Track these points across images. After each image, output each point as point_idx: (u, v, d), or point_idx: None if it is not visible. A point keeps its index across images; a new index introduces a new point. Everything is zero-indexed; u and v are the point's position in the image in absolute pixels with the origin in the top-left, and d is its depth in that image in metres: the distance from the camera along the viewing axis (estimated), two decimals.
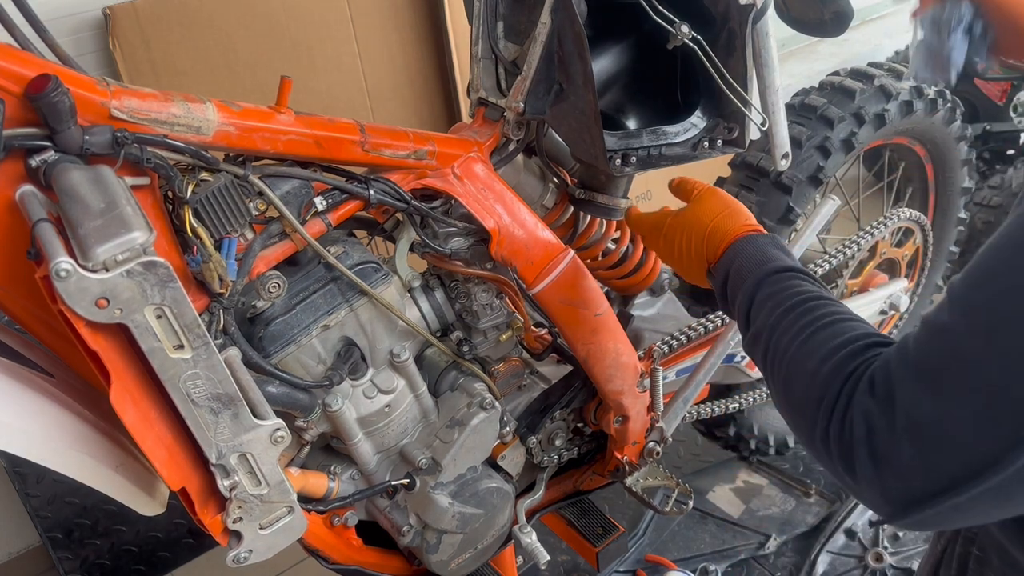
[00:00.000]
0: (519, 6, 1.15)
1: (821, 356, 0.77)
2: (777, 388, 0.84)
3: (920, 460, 0.64)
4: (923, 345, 0.67)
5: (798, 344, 0.81)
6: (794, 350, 0.81)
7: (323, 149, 1.01)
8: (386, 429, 1.17)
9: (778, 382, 0.83)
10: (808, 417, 0.75)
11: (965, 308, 0.64)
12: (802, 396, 0.77)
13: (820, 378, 0.75)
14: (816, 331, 0.80)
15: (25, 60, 0.79)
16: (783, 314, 0.85)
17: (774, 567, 2.01)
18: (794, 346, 0.81)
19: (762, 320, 0.88)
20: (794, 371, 0.80)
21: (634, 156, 1.19)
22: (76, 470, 0.92)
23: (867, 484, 0.69)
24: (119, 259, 0.74)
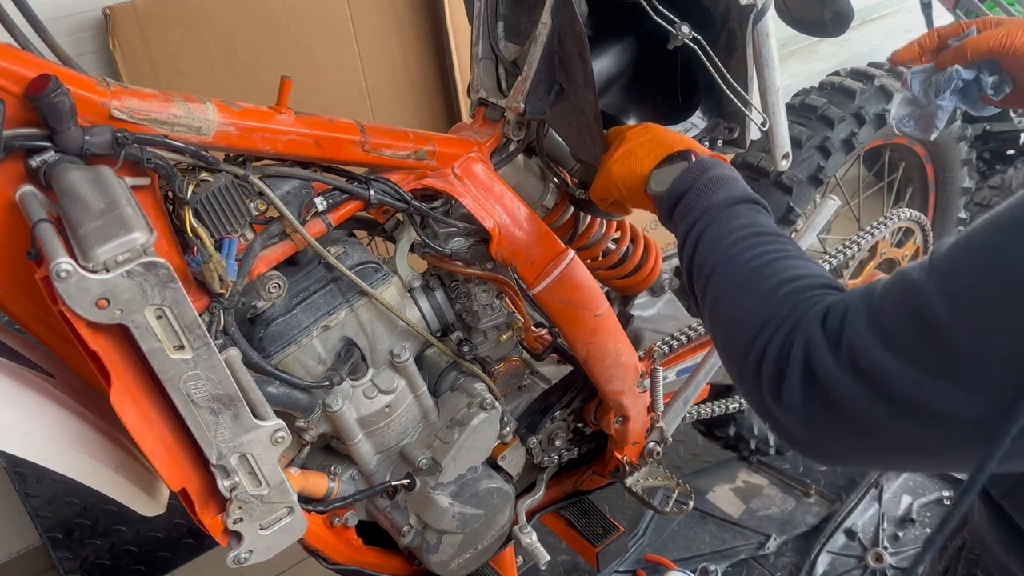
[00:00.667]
0: (520, 6, 1.15)
1: (777, 282, 0.76)
2: (719, 305, 0.81)
3: (851, 400, 0.64)
4: (890, 296, 0.65)
5: (756, 266, 0.79)
6: (750, 270, 0.79)
7: (323, 149, 1.01)
8: (386, 429, 1.17)
9: (722, 299, 0.80)
10: (747, 335, 0.74)
11: (943, 275, 0.61)
12: (746, 313, 0.76)
13: (772, 300, 0.74)
14: (775, 260, 0.78)
15: (25, 60, 0.79)
16: (743, 238, 0.83)
17: (774, 567, 2.01)
18: (750, 267, 0.79)
19: (718, 238, 0.85)
20: (744, 290, 0.78)
21: None
22: (76, 470, 0.92)
23: (789, 409, 0.68)
24: (119, 260, 0.74)
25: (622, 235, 1.45)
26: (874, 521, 2.01)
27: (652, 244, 1.49)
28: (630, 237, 1.46)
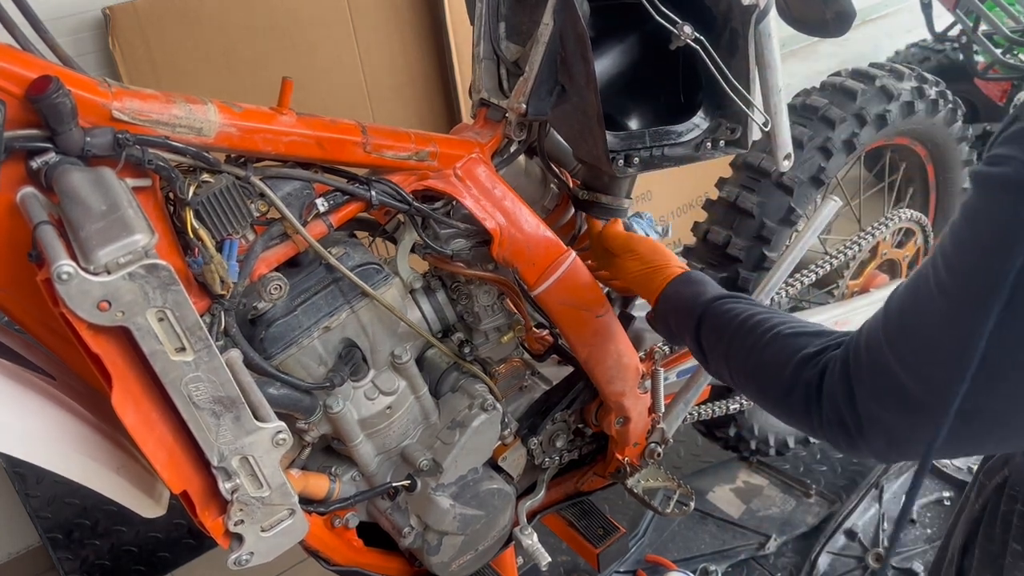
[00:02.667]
0: (521, 7, 1.15)
1: (777, 369, 0.89)
2: (745, 368, 0.96)
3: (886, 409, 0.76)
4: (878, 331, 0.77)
5: (754, 362, 0.93)
6: (751, 367, 0.94)
7: (325, 150, 1.01)
8: (387, 430, 1.17)
9: (752, 394, 0.97)
10: (794, 413, 0.87)
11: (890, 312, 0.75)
12: (776, 398, 0.90)
13: (784, 385, 0.87)
14: (764, 348, 0.92)
15: (26, 61, 0.79)
16: (731, 338, 0.98)
17: (774, 567, 2.01)
18: (750, 363, 0.94)
19: (713, 348, 1.02)
20: (760, 382, 0.93)
21: (636, 157, 1.19)
22: (77, 472, 0.92)
23: (867, 442, 0.79)
24: (121, 262, 0.74)
25: None
26: (874, 521, 2.01)
27: None
28: None
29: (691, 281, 1.12)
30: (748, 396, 1.01)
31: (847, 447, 0.82)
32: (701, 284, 1.10)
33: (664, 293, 1.13)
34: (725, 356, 0.99)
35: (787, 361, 0.87)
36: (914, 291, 0.74)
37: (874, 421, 0.77)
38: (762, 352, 0.92)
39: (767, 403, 0.94)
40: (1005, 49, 2.76)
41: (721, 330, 1.00)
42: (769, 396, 0.92)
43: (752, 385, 0.95)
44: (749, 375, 0.95)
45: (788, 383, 0.86)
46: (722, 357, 0.99)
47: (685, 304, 1.08)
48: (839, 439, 0.81)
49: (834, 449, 0.94)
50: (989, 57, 2.79)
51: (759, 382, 0.93)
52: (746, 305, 1.01)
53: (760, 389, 0.93)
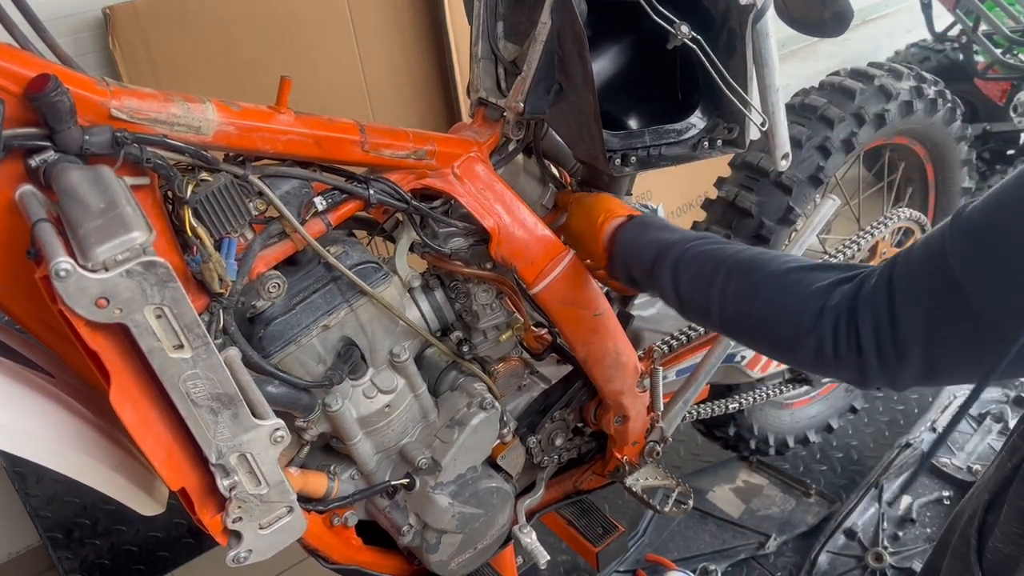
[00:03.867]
0: (519, 6, 1.15)
1: (791, 303, 0.87)
2: (747, 306, 0.93)
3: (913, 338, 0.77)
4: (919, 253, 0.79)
5: (759, 300, 0.91)
6: (753, 306, 0.91)
7: (323, 149, 1.01)
8: (386, 429, 1.17)
9: (751, 335, 0.94)
10: (807, 346, 0.85)
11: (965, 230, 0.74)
12: (790, 334, 0.87)
13: (800, 318, 0.86)
14: (768, 284, 0.90)
15: (25, 60, 0.79)
16: (724, 279, 0.95)
17: (774, 567, 2.01)
18: (752, 302, 0.91)
19: (702, 292, 0.98)
20: (768, 319, 0.90)
21: (634, 156, 1.19)
22: (76, 470, 0.92)
23: (868, 357, 0.80)
24: (119, 259, 0.74)
25: None
26: (874, 521, 2.01)
27: None
28: None
29: (649, 225, 1.09)
30: (744, 338, 0.98)
31: (871, 376, 0.81)
32: (662, 228, 1.07)
33: (619, 241, 1.10)
34: (715, 299, 0.95)
35: (803, 293, 0.85)
36: (1003, 212, 0.71)
37: (918, 344, 0.76)
38: (767, 289, 0.89)
39: (773, 341, 0.91)
40: (1005, 49, 2.76)
41: (708, 273, 0.97)
42: (779, 332, 0.88)
43: (753, 324, 0.92)
44: (750, 314, 0.91)
45: (807, 315, 0.84)
46: (710, 300, 0.96)
47: (651, 248, 1.04)
48: (865, 368, 0.80)
49: (848, 382, 0.96)
50: (989, 57, 2.79)
51: (765, 319, 0.90)
52: (724, 244, 0.99)
53: (766, 326, 0.90)
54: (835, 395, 2.22)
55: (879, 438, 2.36)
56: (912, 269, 0.78)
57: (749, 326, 0.94)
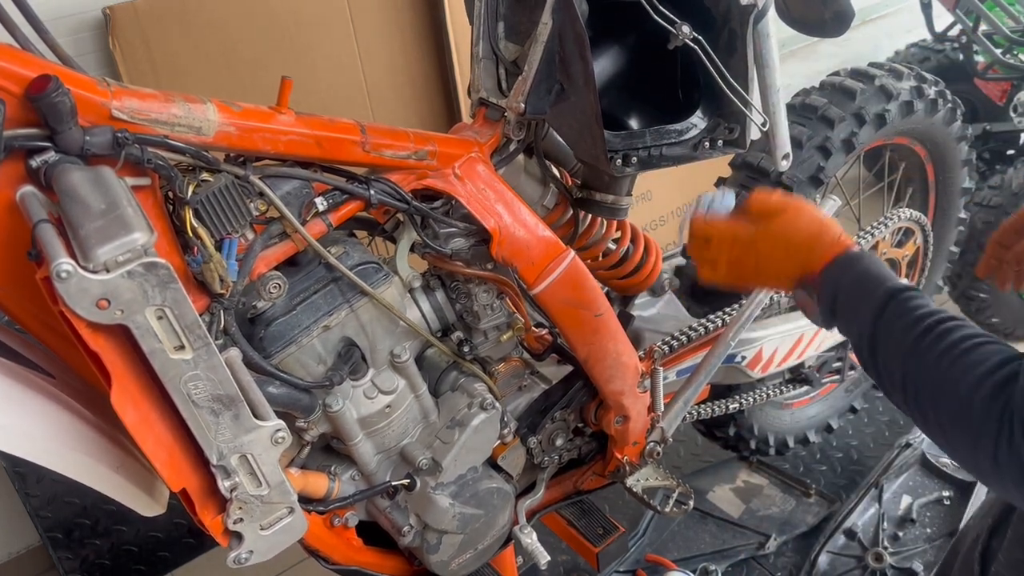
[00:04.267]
0: (520, 6, 1.15)
1: (970, 383, 0.79)
2: (922, 410, 0.85)
3: None
4: None
5: (944, 367, 0.82)
6: (939, 374, 0.82)
7: (324, 149, 1.01)
8: (386, 429, 1.17)
9: (923, 404, 0.84)
10: (970, 439, 0.78)
11: None
12: (957, 420, 0.80)
13: (975, 407, 0.77)
14: (961, 354, 0.81)
15: (26, 60, 0.79)
16: (920, 335, 0.85)
17: (774, 567, 2.01)
18: (940, 369, 0.82)
19: (895, 340, 0.88)
20: (942, 395, 0.82)
21: (635, 156, 1.19)
22: (76, 471, 0.92)
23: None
24: (120, 260, 0.74)
25: (622, 235, 1.45)
26: (874, 521, 2.01)
27: (652, 244, 1.49)
28: (630, 237, 1.46)
29: (875, 260, 0.96)
30: (921, 414, 0.86)
31: None
32: (883, 266, 0.95)
33: (840, 263, 0.96)
34: (908, 355, 0.86)
35: (984, 368, 0.78)
36: None
37: None
38: (956, 356, 0.81)
39: (946, 422, 0.82)
40: (1005, 49, 2.76)
41: (910, 325, 0.86)
42: (951, 411, 0.80)
43: (932, 396, 0.83)
44: (933, 384, 0.83)
45: (982, 393, 0.77)
46: (904, 356, 0.86)
47: (871, 282, 0.92)
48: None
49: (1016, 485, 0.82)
50: (989, 57, 2.79)
51: (943, 392, 0.81)
52: (931, 303, 0.89)
53: (942, 401, 0.82)
54: (835, 395, 2.22)
55: (879, 438, 2.36)
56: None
57: (925, 399, 0.85)
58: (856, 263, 0.95)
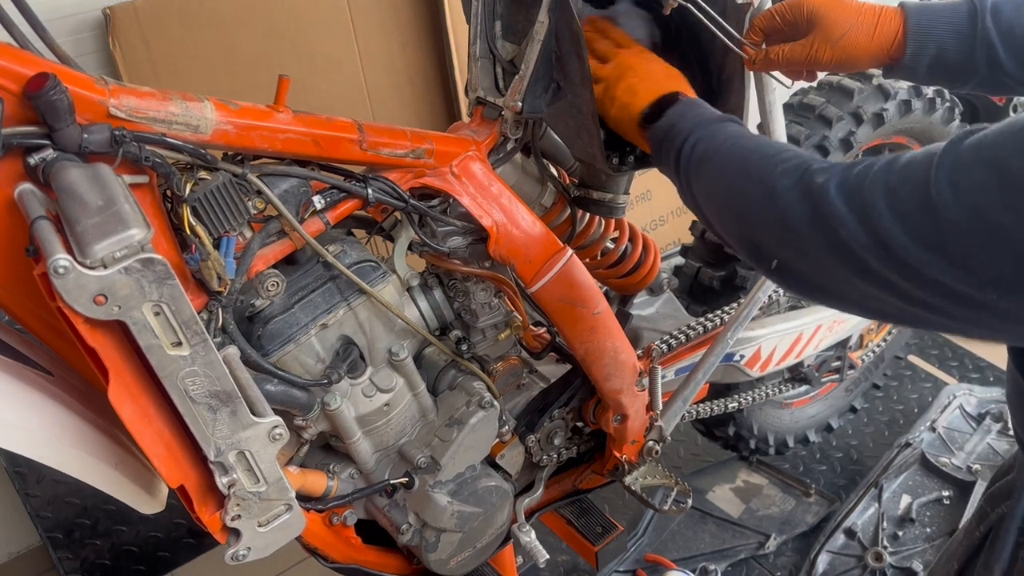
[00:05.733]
0: (517, 5, 1.15)
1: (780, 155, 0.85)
2: (727, 183, 0.91)
3: (855, 244, 0.74)
4: (908, 169, 0.73)
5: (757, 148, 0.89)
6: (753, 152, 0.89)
7: (321, 148, 1.02)
8: (385, 428, 1.18)
9: (731, 178, 0.91)
10: (766, 191, 0.83)
11: (955, 165, 0.70)
12: (759, 181, 0.85)
13: (780, 166, 0.83)
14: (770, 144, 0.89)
15: (24, 59, 0.79)
16: (738, 138, 0.92)
17: (774, 567, 2.01)
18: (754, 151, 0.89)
19: (700, 157, 0.95)
20: (750, 166, 0.88)
21: (632, 155, 1.19)
22: (75, 468, 0.93)
23: (801, 246, 0.80)
24: (117, 256, 0.74)
25: (620, 234, 1.45)
26: (874, 521, 2.01)
27: (650, 243, 1.49)
28: (628, 236, 1.46)
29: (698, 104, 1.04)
30: (721, 204, 0.93)
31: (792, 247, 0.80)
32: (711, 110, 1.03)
33: (673, 108, 1.03)
34: (708, 164, 0.93)
35: (791, 160, 0.83)
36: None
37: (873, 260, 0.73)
38: (759, 152, 0.88)
39: (751, 197, 0.87)
40: None
41: (717, 141, 0.94)
42: (758, 188, 0.85)
43: (737, 182, 0.89)
44: (736, 173, 0.89)
45: (786, 181, 0.81)
46: (706, 166, 0.94)
47: (701, 114, 1.00)
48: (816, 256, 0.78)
49: (781, 281, 0.90)
50: None
51: (748, 175, 0.87)
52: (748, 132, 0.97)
53: (748, 182, 0.87)
54: (835, 395, 2.22)
55: (879, 438, 2.36)
56: (898, 169, 0.74)
57: (731, 185, 0.91)
58: (698, 105, 1.02)
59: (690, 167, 0.96)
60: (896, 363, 2.35)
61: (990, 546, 0.96)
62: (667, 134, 1.00)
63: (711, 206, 0.95)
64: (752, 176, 0.87)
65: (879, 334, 2.15)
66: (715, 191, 0.94)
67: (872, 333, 2.12)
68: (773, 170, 0.84)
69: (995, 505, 0.99)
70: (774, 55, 1.09)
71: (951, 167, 0.69)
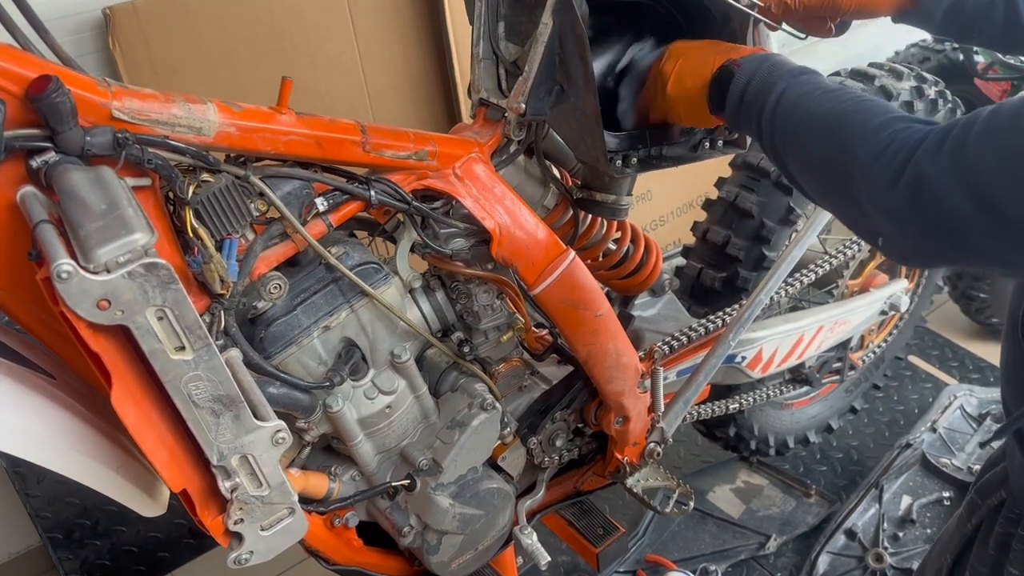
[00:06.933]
0: (520, 7, 1.15)
1: (883, 118, 0.84)
2: (823, 144, 0.88)
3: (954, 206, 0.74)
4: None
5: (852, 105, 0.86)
6: (847, 110, 0.86)
7: (324, 150, 1.01)
8: (387, 430, 1.17)
9: (827, 138, 0.87)
10: (864, 158, 0.82)
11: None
12: (858, 142, 0.84)
13: (884, 130, 0.82)
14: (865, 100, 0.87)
15: (26, 61, 0.79)
16: (827, 91, 0.89)
17: (774, 567, 2.01)
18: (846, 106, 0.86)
19: (803, 100, 0.91)
20: (849, 127, 0.86)
21: (635, 157, 1.19)
22: (77, 471, 0.93)
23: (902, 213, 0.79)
24: (120, 260, 0.74)
25: (622, 236, 1.45)
26: (874, 521, 2.01)
27: (653, 245, 1.49)
28: (631, 238, 1.46)
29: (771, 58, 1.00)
30: (812, 161, 0.90)
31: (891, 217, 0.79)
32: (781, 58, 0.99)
33: (746, 60, 0.99)
34: (808, 117, 0.90)
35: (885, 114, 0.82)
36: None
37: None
38: (853, 108, 0.86)
39: (845, 159, 0.85)
40: None
41: (807, 95, 0.91)
42: (855, 166, 0.83)
43: (832, 140, 0.86)
44: (828, 133, 0.86)
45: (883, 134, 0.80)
46: (806, 120, 0.90)
47: (771, 72, 0.96)
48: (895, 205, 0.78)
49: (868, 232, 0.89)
50: (989, 57, 2.79)
51: (843, 135, 0.85)
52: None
53: (843, 144, 0.85)
54: (835, 395, 2.22)
55: (879, 438, 2.36)
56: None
57: (822, 146, 0.89)
58: (766, 58, 0.99)
59: (775, 134, 0.93)
60: (896, 364, 2.35)
61: (983, 538, 0.96)
62: (746, 90, 0.96)
63: (808, 179, 0.92)
64: (848, 151, 0.84)
65: (880, 335, 2.15)
66: (810, 163, 0.91)
67: (873, 334, 2.12)
68: (873, 146, 0.82)
69: (986, 496, 0.99)
70: (791, 1, 1.07)
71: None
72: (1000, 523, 0.94)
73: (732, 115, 1.00)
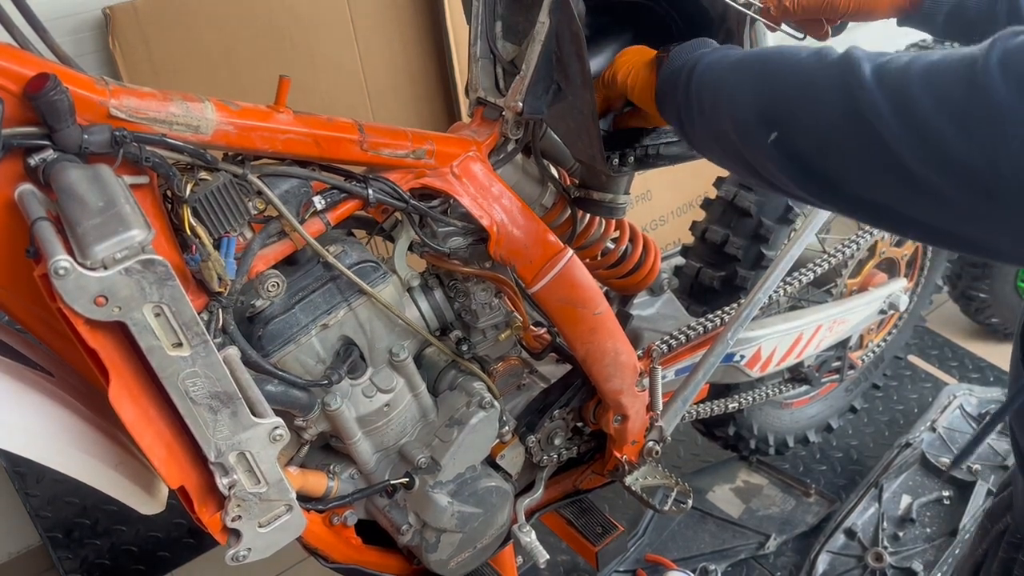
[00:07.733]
0: (517, 6, 1.15)
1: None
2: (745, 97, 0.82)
3: None
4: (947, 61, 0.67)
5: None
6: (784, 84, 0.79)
7: (322, 148, 1.01)
8: (385, 428, 1.18)
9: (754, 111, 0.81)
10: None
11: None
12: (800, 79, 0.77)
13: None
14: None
15: (24, 59, 0.79)
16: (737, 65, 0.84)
17: (774, 567, 2.01)
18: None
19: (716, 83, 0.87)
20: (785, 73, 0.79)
21: (632, 155, 1.19)
22: (76, 468, 0.93)
23: None
24: (117, 257, 0.74)
25: (621, 234, 1.45)
26: (874, 521, 2.01)
27: (651, 243, 1.49)
28: (629, 236, 1.46)
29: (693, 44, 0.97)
30: (756, 130, 0.81)
31: None
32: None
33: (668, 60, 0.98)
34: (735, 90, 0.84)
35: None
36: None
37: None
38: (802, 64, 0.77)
39: (786, 95, 0.78)
40: None
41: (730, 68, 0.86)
42: (794, 80, 0.77)
43: (768, 83, 0.80)
44: (768, 74, 0.80)
45: (826, 69, 0.73)
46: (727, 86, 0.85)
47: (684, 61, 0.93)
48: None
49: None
50: None
51: (783, 73, 0.78)
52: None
53: (783, 79, 0.78)
54: (835, 395, 2.22)
55: (879, 438, 2.36)
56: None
57: (773, 108, 0.80)
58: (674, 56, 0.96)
59: (703, 91, 0.88)
60: (896, 363, 2.35)
61: (989, 563, 0.96)
62: (672, 73, 0.93)
63: (737, 125, 0.84)
64: (787, 71, 0.78)
65: (879, 334, 2.16)
66: (743, 99, 0.83)
67: (872, 333, 2.12)
68: (812, 62, 0.76)
69: (995, 521, 0.99)
70: (789, 2, 1.06)
71: (1003, 51, 0.63)
72: (1003, 548, 0.94)
73: (659, 101, 0.98)
